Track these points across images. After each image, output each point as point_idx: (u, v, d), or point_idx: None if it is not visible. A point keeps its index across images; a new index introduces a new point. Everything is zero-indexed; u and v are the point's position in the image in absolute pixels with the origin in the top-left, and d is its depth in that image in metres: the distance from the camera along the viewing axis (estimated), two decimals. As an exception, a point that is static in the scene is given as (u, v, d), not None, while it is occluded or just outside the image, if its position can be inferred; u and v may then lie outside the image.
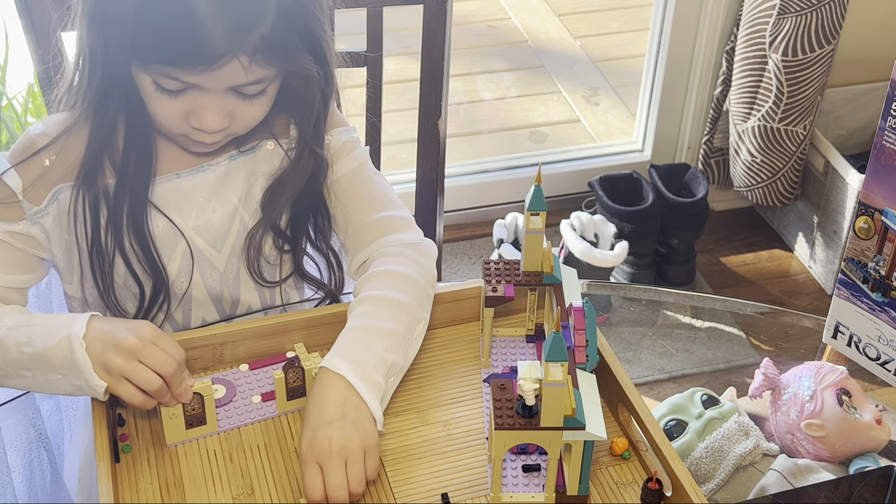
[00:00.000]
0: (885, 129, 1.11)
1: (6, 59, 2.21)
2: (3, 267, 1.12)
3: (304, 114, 1.16)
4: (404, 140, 2.65)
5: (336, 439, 0.97)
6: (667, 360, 1.35)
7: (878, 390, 1.23)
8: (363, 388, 1.01)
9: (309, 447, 0.98)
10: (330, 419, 0.99)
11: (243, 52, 1.02)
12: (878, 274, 1.17)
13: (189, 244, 1.18)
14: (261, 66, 1.05)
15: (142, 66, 1.05)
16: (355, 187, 1.21)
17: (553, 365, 0.88)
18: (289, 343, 1.14)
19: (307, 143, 1.17)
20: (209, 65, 1.02)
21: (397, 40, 2.47)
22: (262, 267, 1.22)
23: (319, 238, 1.23)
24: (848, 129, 2.58)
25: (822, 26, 2.26)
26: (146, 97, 1.08)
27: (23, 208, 1.12)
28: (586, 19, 3.50)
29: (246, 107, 1.10)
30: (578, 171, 2.67)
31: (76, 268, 1.18)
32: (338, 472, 0.97)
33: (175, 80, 1.04)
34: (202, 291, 1.22)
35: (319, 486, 0.97)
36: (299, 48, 1.08)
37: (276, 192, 1.18)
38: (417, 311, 1.11)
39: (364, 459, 0.98)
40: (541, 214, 1.05)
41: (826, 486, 1.07)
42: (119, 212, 1.14)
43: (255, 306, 1.27)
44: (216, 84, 1.05)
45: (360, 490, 0.98)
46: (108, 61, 1.06)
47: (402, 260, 1.15)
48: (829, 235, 2.46)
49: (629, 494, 1.02)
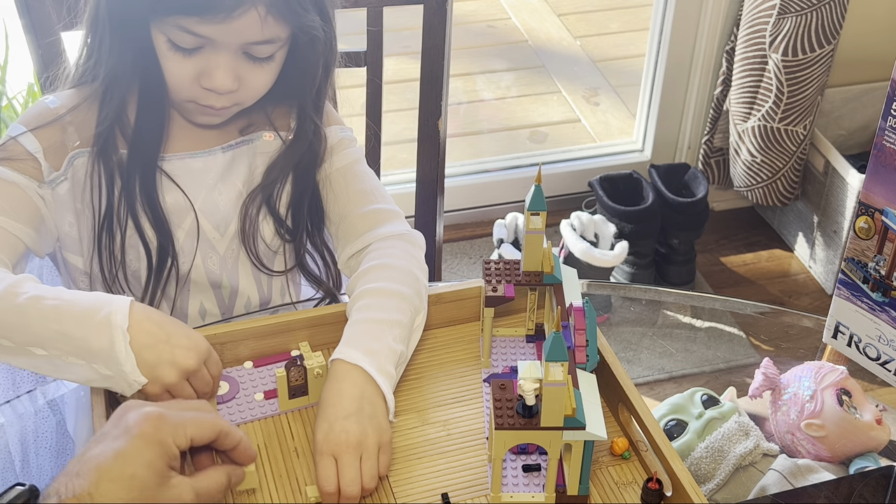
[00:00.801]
0: (885, 129, 1.11)
1: (6, 59, 2.21)
2: (22, 218, 1.12)
3: (308, 79, 1.19)
4: (404, 140, 2.65)
5: (353, 433, 0.98)
6: (667, 360, 1.35)
7: (878, 390, 1.23)
8: (381, 379, 1.03)
9: (325, 439, 0.98)
10: (347, 413, 1.00)
11: (261, 2, 1.06)
12: (878, 274, 1.17)
13: (197, 219, 1.20)
14: (275, 19, 1.08)
15: (161, 18, 1.07)
16: (348, 180, 1.24)
17: (553, 365, 0.88)
18: (290, 343, 1.14)
19: (308, 112, 1.20)
20: (229, 13, 1.05)
21: (397, 40, 2.47)
22: (259, 249, 1.24)
23: (315, 233, 1.26)
24: (848, 129, 2.58)
25: (822, 26, 2.26)
26: (161, 57, 1.10)
27: (43, 171, 1.14)
28: (586, 19, 3.50)
29: (255, 71, 1.13)
30: (578, 171, 2.67)
31: (87, 240, 1.19)
32: (353, 467, 0.97)
33: (191, 34, 1.07)
34: (201, 274, 1.23)
35: (333, 477, 0.97)
36: (310, 6, 1.12)
37: (275, 163, 1.22)
38: (416, 301, 1.13)
39: (378, 455, 0.99)
40: (541, 214, 1.05)
41: (826, 486, 1.07)
42: (132, 177, 1.16)
43: (253, 298, 1.28)
44: (231, 38, 1.08)
45: (373, 486, 0.98)
46: (126, 20, 1.09)
47: (396, 252, 1.16)
48: (830, 235, 2.46)
49: (629, 494, 1.02)
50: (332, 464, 0.98)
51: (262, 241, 1.25)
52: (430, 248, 1.63)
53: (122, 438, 0.82)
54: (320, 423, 1.00)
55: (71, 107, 1.16)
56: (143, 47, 1.11)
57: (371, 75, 1.50)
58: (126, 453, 0.81)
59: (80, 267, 1.22)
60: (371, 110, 1.53)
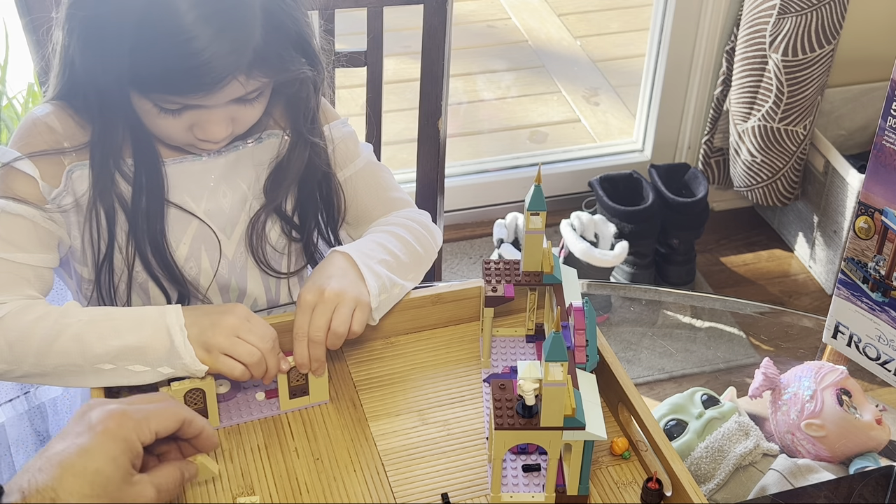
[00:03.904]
0: (885, 129, 1.11)
1: (6, 59, 2.21)
2: (38, 247, 1.13)
3: (299, 108, 1.19)
4: (404, 140, 2.65)
5: (332, 288, 1.07)
6: (667, 360, 1.35)
7: (878, 390, 1.23)
8: (365, 270, 1.11)
9: (305, 292, 1.07)
10: (330, 274, 1.09)
11: (241, 72, 1.05)
12: (878, 274, 1.17)
13: (201, 222, 1.20)
14: (258, 78, 1.08)
15: (141, 94, 1.07)
16: (367, 181, 1.28)
17: (553, 365, 0.88)
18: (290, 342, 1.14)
19: (301, 133, 1.20)
20: (209, 91, 1.04)
21: (397, 40, 2.47)
22: (267, 254, 1.24)
23: (328, 230, 1.27)
24: (848, 129, 2.58)
25: (822, 26, 2.26)
26: (148, 116, 1.10)
27: (42, 192, 1.13)
28: (586, 19, 3.50)
29: (247, 110, 1.13)
30: (578, 171, 2.67)
31: (90, 252, 1.18)
32: (324, 316, 1.05)
33: (176, 103, 1.07)
34: (209, 278, 1.23)
35: (305, 326, 1.05)
36: (291, 53, 1.11)
37: (276, 178, 1.22)
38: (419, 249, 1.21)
39: (353, 311, 1.07)
40: (541, 214, 1.05)
41: (826, 486, 1.07)
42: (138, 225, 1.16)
43: (261, 300, 1.28)
44: (217, 101, 1.08)
45: (341, 331, 1.05)
46: (105, 87, 1.08)
47: (400, 229, 1.23)
48: (829, 235, 2.46)
49: (629, 494, 1.02)
50: (308, 315, 1.06)
51: (269, 244, 1.24)
52: (430, 248, 1.63)
53: (85, 435, 0.83)
54: (305, 284, 1.08)
55: (59, 123, 1.14)
56: (127, 106, 1.10)
57: (371, 75, 1.50)
58: (90, 449, 0.82)
59: (86, 277, 1.21)
60: (371, 110, 1.53)
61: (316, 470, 1.03)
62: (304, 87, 1.16)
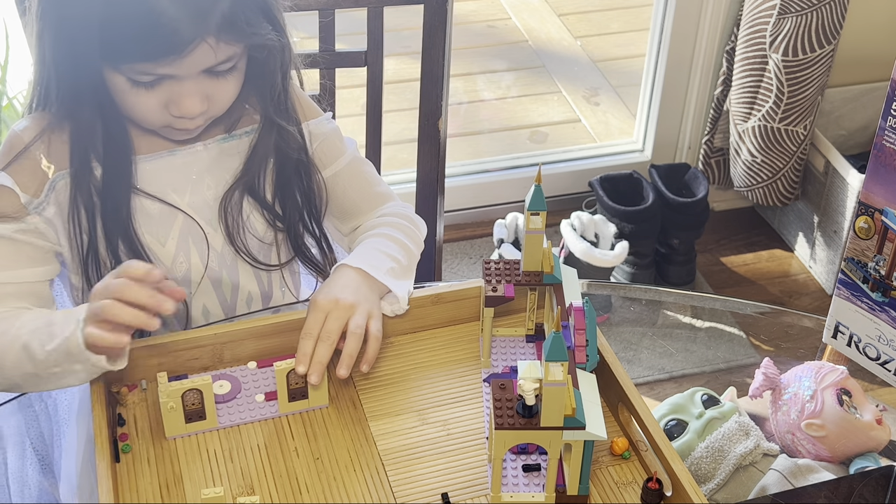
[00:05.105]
0: (885, 129, 1.11)
1: (6, 59, 2.21)
2: (22, 263, 1.13)
3: (267, 86, 1.19)
4: (404, 140, 2.65)
5: (347, 298, 1.09)
6: (667, 360, 1.35)
7: (878, 390, 1.23)
8: (378, 274, 1.13)
9: (320, 296, 1.09)
10: (344, 285, 1.11)
11: (209, 34, 1.06)
12: (878, 274, 1.17)
13: (186, 216, 1.20)
14: (227, 43, 1.08)
15: (114, 67, 1.07)
16: (354, 176, 1.30)
17: (553, 365, 0.88)
18: (292, 342, 1.13)
19: (270, 115, 1.20)
20: (179, 53, 1.05)
21: (397, 40, 2.47)
22: (248, 242, 1.24)
23: (310, 220, 1.27)
24: (848, 129, 2.58)
25: (822, 26, 2.26)
26: (123, 95, 1.10)
27: (24, 205, 1.13)
28: (586, 19, 3.50)
29: (221, 85, 1.13)
30: (578, 171, 2.67)
31: (77, 259, 1.19)
32: (339, 321, 1.07)
33: (149, 73, 1.07)
34: (200, 273, 1.22)
35: (318, 327, 1.06)
36: (259, 19, 1.11)
37: (249, 160, 1.22)
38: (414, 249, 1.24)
39: (368, 321, 1.08)
40: (541, 214, 1.05)
41: (826, 486, 1.07)
42: (108, 216, 1.15)
43: (254, 292, 1.28)
44: (189, 70, 1.08)
45: (358, 333, 1.07)
46: (77, 69, 1.08)
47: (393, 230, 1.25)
48: (830, 235, 2.46)
49: (629, 494, 1.02)
50: (322, 318, 1.07)
51: (254, 237, 1.24)
52: (430, 248, 1.63)
53: None
54: (318, 291, 1.11)
55: (36, 135, 1.14)
56: (100, 89, 1.10)
57: (371, 75, 1.50)
58: None
59: (76, 284, 1.21)
60: (371, 110, 1.53)
61: (316, 470, 1.03)
62: (272, 59, 1.16)
